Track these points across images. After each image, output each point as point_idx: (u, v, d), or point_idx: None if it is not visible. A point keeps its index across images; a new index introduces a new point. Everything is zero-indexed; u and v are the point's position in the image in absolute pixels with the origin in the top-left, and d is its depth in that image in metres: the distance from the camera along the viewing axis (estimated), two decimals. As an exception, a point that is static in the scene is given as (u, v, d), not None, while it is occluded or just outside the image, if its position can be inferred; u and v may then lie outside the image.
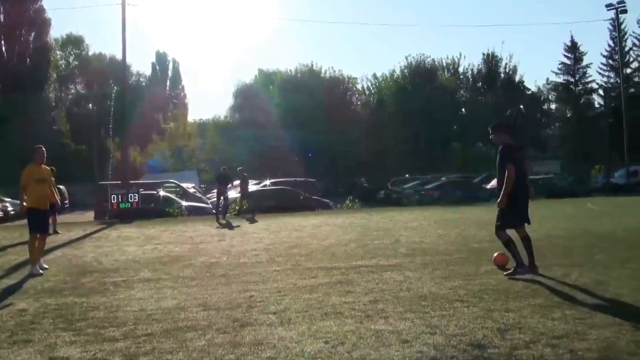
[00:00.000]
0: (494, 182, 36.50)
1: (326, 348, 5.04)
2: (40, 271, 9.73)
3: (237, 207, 24.82)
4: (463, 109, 60.09)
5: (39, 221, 10.13)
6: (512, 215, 8.42)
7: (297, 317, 6.15)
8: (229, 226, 18.75)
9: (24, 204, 10.10)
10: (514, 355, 4.70)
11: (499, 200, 8.50)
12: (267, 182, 35.19)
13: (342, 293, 7.34)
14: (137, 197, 24.35)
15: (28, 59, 51.82)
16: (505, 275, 8.23)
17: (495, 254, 8.94)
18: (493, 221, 8.92)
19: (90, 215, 26.34)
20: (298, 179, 35.63)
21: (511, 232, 8.56)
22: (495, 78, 59.64)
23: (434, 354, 4.79)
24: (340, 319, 6.02)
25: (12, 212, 26.53)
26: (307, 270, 9.22)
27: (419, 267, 9.25)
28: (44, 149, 10.36)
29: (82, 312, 6.84)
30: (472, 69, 61.24)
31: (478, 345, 5.00)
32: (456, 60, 62.00)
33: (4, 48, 51.84)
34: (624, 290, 7.03)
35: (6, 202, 27.92)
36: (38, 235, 10.16)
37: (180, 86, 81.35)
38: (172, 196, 27.94)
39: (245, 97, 61.77)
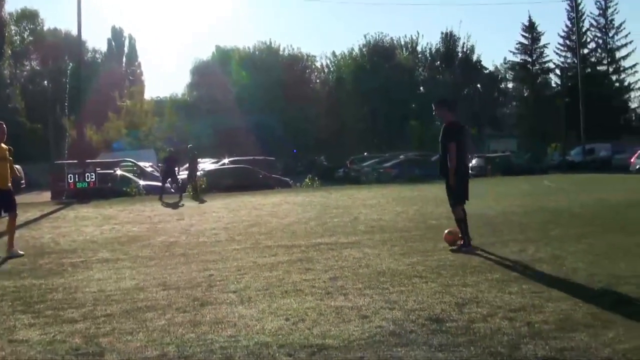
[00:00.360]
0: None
1: (287, 325, 5.07)
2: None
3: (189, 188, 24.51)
4: (421, 88, 60.60)
5: (7, 201, 9.84)
6: (459, 190, 8.64)
7: (257, 295, 6.17)
8: (188, 206, 18.62)
9: None
10: (471, 329, 4.79)
11: (449, 180, 8.70)
12: (226, 160, 35.03)
13: (302, 271, 7.39)
14: (94, 177, 23.95)
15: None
16: (450, 250, 8.41)
17: (445, 232, 9.11)
18: (450, 198, 9.06)
19: (46, 195, 25.88)
20: (257, 157, 35.52)
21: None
22: (453, 57, 60.21)
23: (392, 328, 4.86)
24: (300, 297, 6.06)
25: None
26: (267, 249, 9.23)
27: (377, 244, 9.34)
28: (4, 125, 9.98)
29: (40, 294, 6.73)
30: (430, 48, 61.73)
31: (436, 320, 5.08)
32: (414, 39, 62.43)
33: (-45, 24, 50.19)
34: (579, 264, 7.22)
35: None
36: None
37: (136, 63, 79.93)
38: (130, 175, 27.59)
39: (202, 74, 61.18)
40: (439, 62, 61.18)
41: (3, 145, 9.89)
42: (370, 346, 4.46)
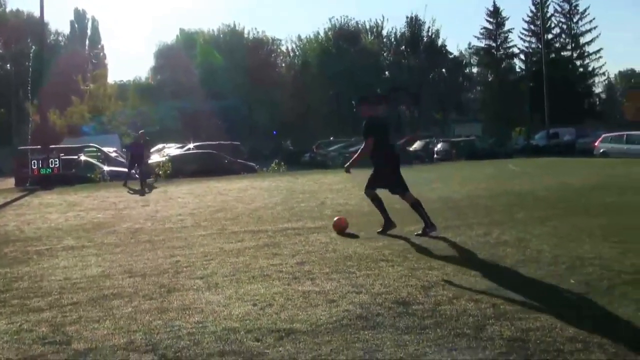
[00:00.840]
0: (417, 145, 37.42)
1: (254, 310, 5.09)
2: None
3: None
4: (387, 72, 60.68)
5: None
6: (393, 179, 8.88)
7: (224, 281, 6.17)
8: (153, 192, 18.48)
9: None
10: (437, 311, 4.87)
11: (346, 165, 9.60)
12: (191, 145, 34.76)
13: (269, 256, 7.41)
14: (58, 163, 23.57)
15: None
16: (416, 235, 8.47)
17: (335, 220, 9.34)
18: (416, 182, 9.16)
19: (10, 181, 25.43)
20: (223, 142, 35.32)
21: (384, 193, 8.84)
22: (418, 42, 60.34)
23: (360, 312, 4.91)
24: (267, 282, 6.08)
25: None
26: (233, 234, 9.23)
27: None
28: None
29: (5, 283, 6.64)
30: (395, 33, 61.77)
31: (403, 303, 5.15)
32: (380, 23, 62.40)
33: None
34: (544, 246, 7.36)
35: None
36: None
37: (99, 46, 78.70)
38: (94, 161, 27.23)
39: (166, 58, 60.46)
40: (404, 47, 61.30)
41: None
42: (338, 330, 4.50)
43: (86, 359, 4.23)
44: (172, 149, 34.72)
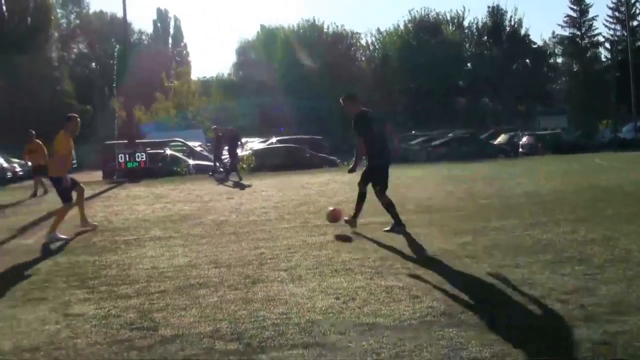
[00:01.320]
0: (501, 138, 36.53)
1: (337, 304, 5.10)
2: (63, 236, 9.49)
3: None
4: (468, 64, 59.42)
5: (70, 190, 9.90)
6: (381, 177, 8.87)
7: (307, 274, 6.21)
8: (237, 185, 18.80)
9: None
10: (523, 311, 4.75)
11: (350, 167, 9.48)
12: (274, 140, 35.13)
13: (351, 249, 7.41)
14: (144, 157, 24.38)
15: (29, 19, 51.37)
16: (384, 230, 8.55)
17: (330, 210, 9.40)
18: (501, 177, 8.95)
19: (98, 175, 26.45)
20: (304, 136, 35.56)
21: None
22: (500, 32, 58.75)
23: (444, 308, 4.84)
24: (350, 275, 6.08)
25: (20, 173, 26.75)
26: (316, 228, 9.26)
27: (427, 223, 9.29)
28: (79, 119, 10.16)
29: (94, 270, 6.93)
30: (476, 23, 60.31)
31: (487, 301, 5.06)
32: (460, 13, 61.07)
33: (4, 8, 51.38)
34: (632, 245, 7.03)
35: (14, 162, 28.08)
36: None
37: (182, 44, 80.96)
38: (180, 155, 27.99)
39: (247, 54, 61.35)
40: (486, 37, 59.81)
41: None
42: (422, 326, 4.45)
43: (173, 345, 4.34)
44: (255, 144, 35.20)
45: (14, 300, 5.83)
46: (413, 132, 41.85)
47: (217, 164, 23.69)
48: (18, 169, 27.60)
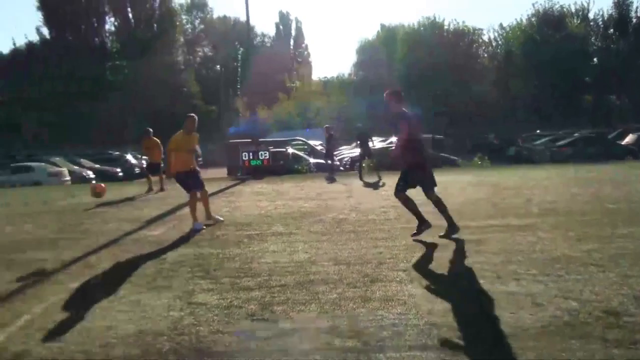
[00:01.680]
0: (629, 138, 34.36)
1: (456, 307, 5.02)
2: (203, 226, 10.07)
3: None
4: (594, 59, 56.29)
5: (193, 180, 10.49)
6: (419, 177, 8.69)
7: (426, 275, 6.15)
8: (355, 183, 18.87)
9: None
10: (653, 325, 4.48)
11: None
12: (393, 139, 34.98)
13: (471, 253, 7.23)
14: (267, 155, 25.05)
15: (154, 25, 54.42)
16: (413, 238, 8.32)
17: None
18: (629, 180, 8.46)
19: (223, 172, 27.44)
20: (426, 135, 35.17)
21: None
22: (626, 24, 55.14)
23: (567, 319, 4.65)
24: (471, 279, 5.96)
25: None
26: (436, 229, 9.12)
27: (551, 227, 8.91)
28: (196, 118, 10.69)
29: (218, 262, 7.22)
30: (602, 15, 56.99)
31: (613, 313, 4.79)
32: (585, 5, 57.94)
33: (130, 15, 54.76)
34: None
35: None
36: (198, 194, 10.49)
37: (303, 45, 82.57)
38: (301, 154, 28.50)
39: (368, 53, 61.44)
40: (612, 30, 56.34)
41: (194, 134, 10.58)
42: (544, 336, 4.31)
43: (291, 338, 4.45)
44: (376, 142, 35.23)
45: (139, 287, 6.21)
46: (537, 131, 40.29)
47: (329, 161, 23.88)
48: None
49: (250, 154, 25.09)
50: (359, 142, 21.71)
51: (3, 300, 6.05)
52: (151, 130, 18.31)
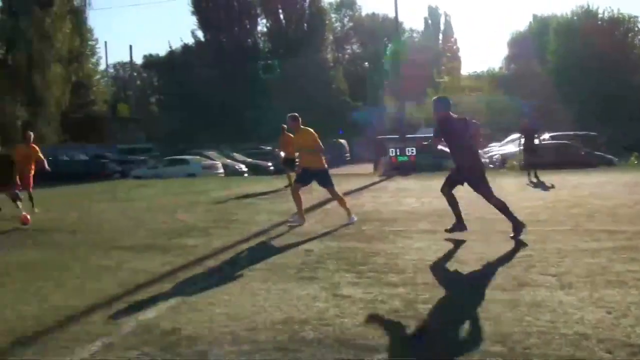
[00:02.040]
0: None
1: (608, 318, 4.77)
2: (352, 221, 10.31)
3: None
4: None
5: (319, 180, 10.77)
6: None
7: (577, 282, 5.89)
8: (506, 181, 18.31)
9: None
10: None
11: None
12: (547, 136, 33.62)
13: (626, 260, 6.79)
14: (414, 151, 24.98)
15: (305, 24, 56.10)
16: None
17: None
18: None
19: (369, 167, 27.74)
20: (578, 132, 33.50)
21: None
22: None
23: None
24: (623, 289, 5.60)
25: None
26: (588, 233, 8.70)
27: None
28: (296, 115, 10.92)
29: (363, 257, 7.38)
30: None
31: None
32: None
33: (282, 16, 56.76)
34: None
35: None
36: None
37: (452, 39, 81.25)
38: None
39: (520, 46, 59.30)
40: None
41: (310, 129, 10.75)
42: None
43: (433, 336, 4.50)
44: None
45: (286, 277, 6.51)
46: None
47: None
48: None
49: (398, 150, 25.16)
50: (523, 136, 20.50)
51: (155, 282, 6.56)
52: (285, 126, 18.77)
